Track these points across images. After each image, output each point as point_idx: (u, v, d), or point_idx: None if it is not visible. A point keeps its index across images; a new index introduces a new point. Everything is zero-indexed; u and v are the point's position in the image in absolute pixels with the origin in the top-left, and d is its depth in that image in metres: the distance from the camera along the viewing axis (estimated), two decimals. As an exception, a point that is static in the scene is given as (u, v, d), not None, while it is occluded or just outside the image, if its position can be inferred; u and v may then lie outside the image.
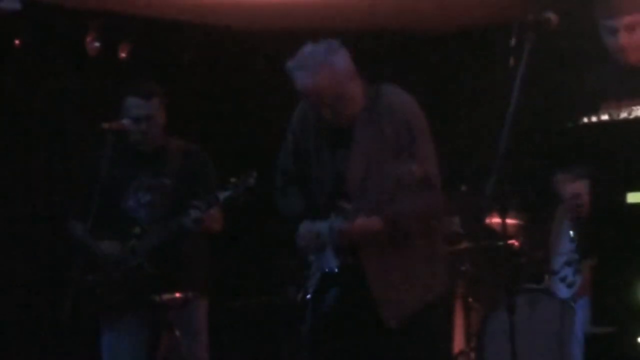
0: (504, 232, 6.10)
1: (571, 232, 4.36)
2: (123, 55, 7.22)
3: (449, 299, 5.66)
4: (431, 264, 4.56)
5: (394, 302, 4.45)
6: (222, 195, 5.10)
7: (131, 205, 5.34)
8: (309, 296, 4.58)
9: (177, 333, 5.15)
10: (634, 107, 3.47)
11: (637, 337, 3.40)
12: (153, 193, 5.34)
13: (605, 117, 3.52)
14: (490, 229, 6.78)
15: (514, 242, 6.72)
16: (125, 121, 5.24)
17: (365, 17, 7.49)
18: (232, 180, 5.10)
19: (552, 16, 3.97)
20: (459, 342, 6.76)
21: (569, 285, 4.33)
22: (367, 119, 4.48)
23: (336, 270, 4.49)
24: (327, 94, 4.40)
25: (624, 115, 3.47)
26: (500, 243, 6.51)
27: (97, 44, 7.05)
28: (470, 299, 6.89)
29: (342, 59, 4.46)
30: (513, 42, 3.87)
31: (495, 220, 6.72)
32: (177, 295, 5.15)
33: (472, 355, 6.66)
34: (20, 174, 7.14)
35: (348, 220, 4.39)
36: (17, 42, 6.93)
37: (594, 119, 3.52)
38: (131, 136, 5.30)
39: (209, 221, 5.20)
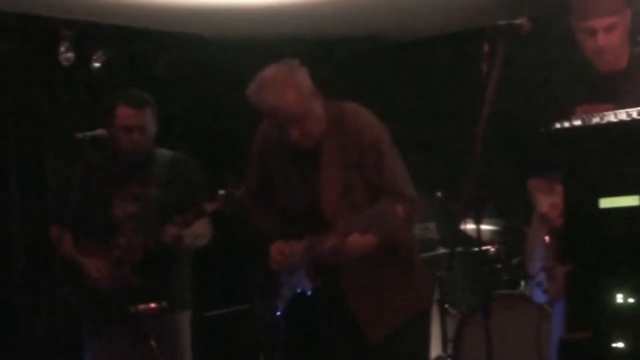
0: (479, 238, 6.10)
1: (546, 238, 4.37)
2: (97, 64, 7.20)
3: (429, 311, 5.67)
4: (410, 278, 4.57)
5: (376, 320, 4.46)
6: (210, 207, 5.05)
7: (118, 215, 5.27)
8: (278, 313, 4.58)
9: (153, 343, 5.11)
10: (605, 113, 3.48)
11: (611, 342, 3.41)
12: (140, 203, 5.28)
13: (577, 122, 3.53)
14: (465, 235, 6.79)
15: (489, 247, 6.74)
16: (100, 131, 5.17)
17: (341, 22, 7.50)
18: (220, 192, 5.00)
19: (524, 22, 3.97)
20: (435, 348, 6.76)
21: (546, 291, 4.34)
22: (332, 139, 4.47)
23: (309, 292, 4.48)
24: (294, 113, 4.36)
25: (595, 120, 3.48)
26: (476, 249, 6.51)
27: (70, 54, 7.02)
28: (446, 305, 6.89)
29: (304, 78, 4.44)
30: (486, 47, 3.87)
31: (471, 226, 6.72)
32: (152, 305, 5.12)
33: (449, 361, 6.68)
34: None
35: (338, 237, 4.34)
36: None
37: (566, 124, 3.52)
38: (122, 145, 5.22)
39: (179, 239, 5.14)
